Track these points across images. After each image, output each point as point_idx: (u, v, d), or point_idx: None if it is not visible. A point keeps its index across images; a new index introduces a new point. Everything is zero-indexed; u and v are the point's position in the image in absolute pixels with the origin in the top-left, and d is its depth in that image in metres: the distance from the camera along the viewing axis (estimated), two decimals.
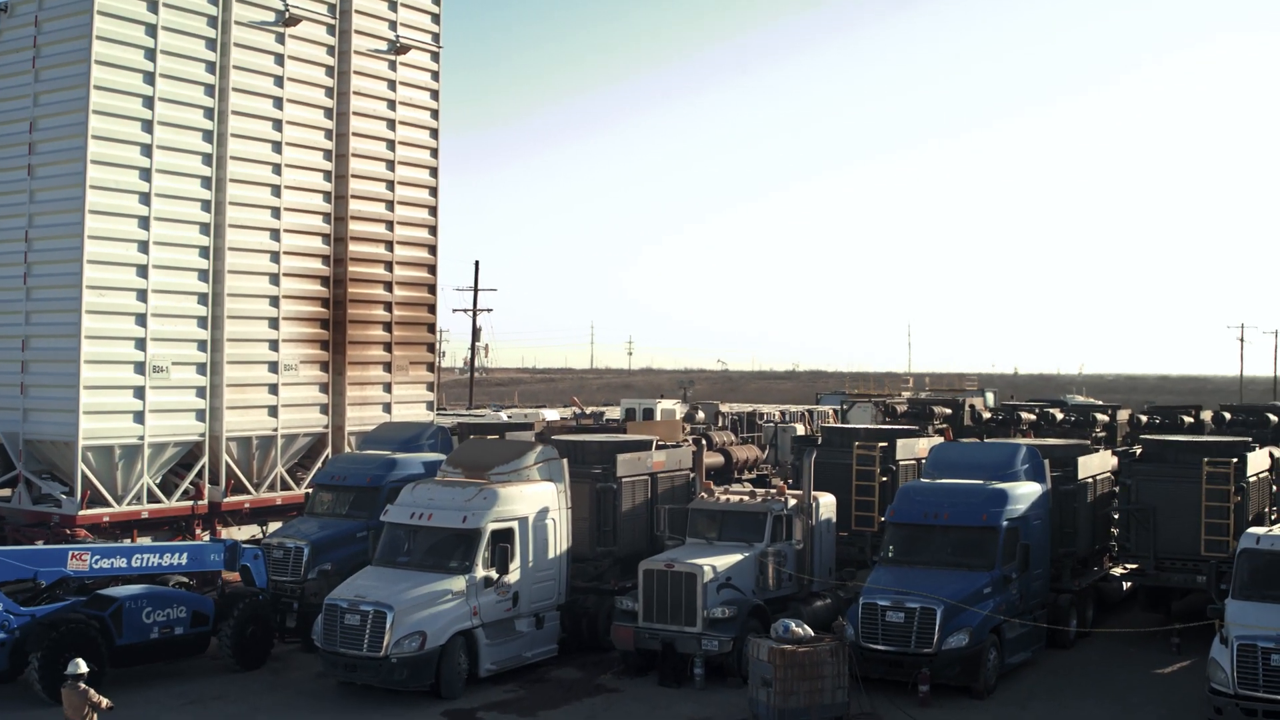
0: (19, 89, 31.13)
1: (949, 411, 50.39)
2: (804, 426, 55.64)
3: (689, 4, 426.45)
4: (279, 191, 33.67)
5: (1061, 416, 48.07)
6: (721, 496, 26.00)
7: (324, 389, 34.94)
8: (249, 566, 24.91)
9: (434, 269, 38.51)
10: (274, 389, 33.55)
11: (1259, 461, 26.70)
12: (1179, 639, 24.72)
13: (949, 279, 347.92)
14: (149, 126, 30.66)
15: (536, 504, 24.42)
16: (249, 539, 32.38)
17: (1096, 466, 27.59)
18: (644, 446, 27.57)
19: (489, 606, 23.15)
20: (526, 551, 24.03)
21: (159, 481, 31.33)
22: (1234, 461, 25.25)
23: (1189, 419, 46.19)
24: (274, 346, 33.58)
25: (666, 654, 23.36)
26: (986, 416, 49.86)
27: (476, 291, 76.76)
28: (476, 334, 77.35)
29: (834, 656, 20.62)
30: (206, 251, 31.92)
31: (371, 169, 36.40)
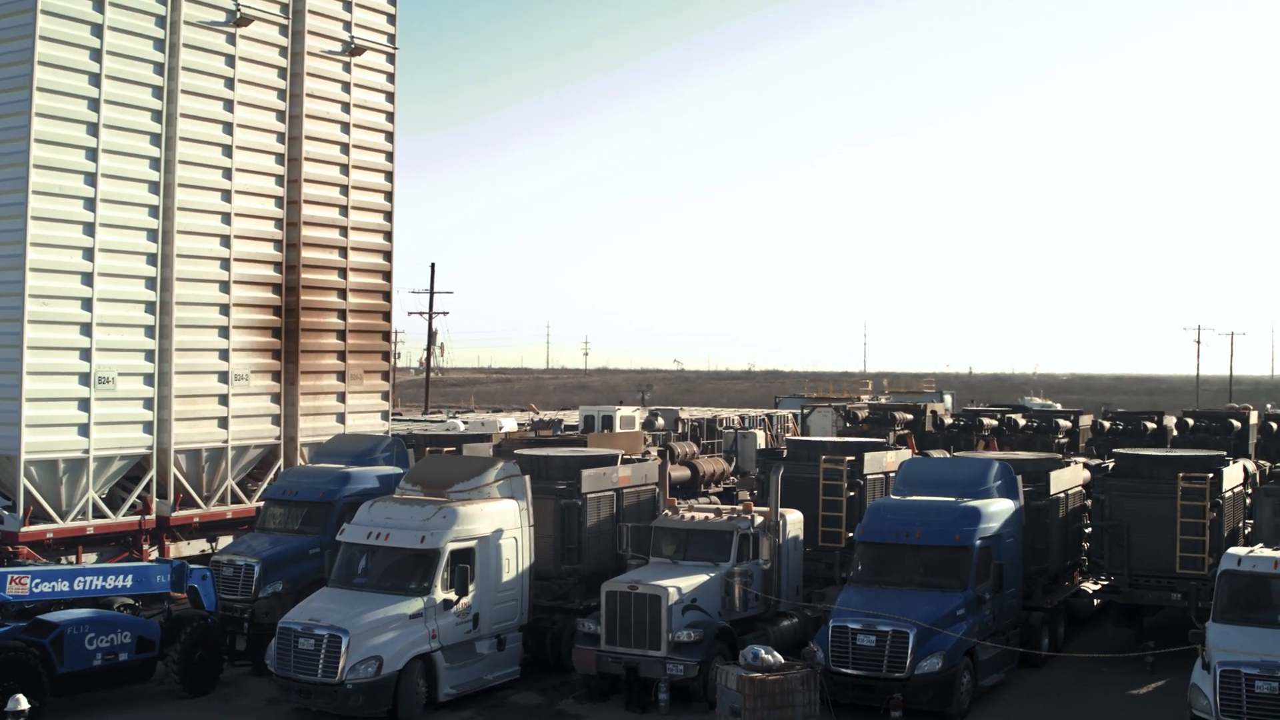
0: None
1: (910, 417, 50.09)
2: (764, 433, 55.26)
3: (643, 6, 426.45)
4: (229, 196, 32.78)
5: (1024, 422, 47.82)
6: (686, 514, 25.30)
7: (276, 399, 34.07)
8: (197, 588, 24.01)
9: (389, 275, 37.67)
10: (224, 400, 32.68)
11: (1234, 476, 26.29)
12: (1153, 658, 24.24)
13: (904, 278, 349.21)
14: (94, 129, 29.68)
15: (497, 523, 23.71)
16: (199, 554, 31.74)
17: (1068, 481, 27.11)
18: (609, 461, 26.90)
19: (448, 629, 22.46)
20: (487, 572, 23.32)
21: (105, 496, 30.40)
22: (1210, 477, 24.79)
23: (1152, 425, 46.01)
24: (224, 356, 32.69)
25: (630, 678, 22.65)
26: (948, 423, 49.58)
27: (432, 294, 75.90)
28: (432, 337, 76.47)
29: (805, 685, 20.04)
30: (154, 258, 30.96)
31: (325, 173, 35.53)
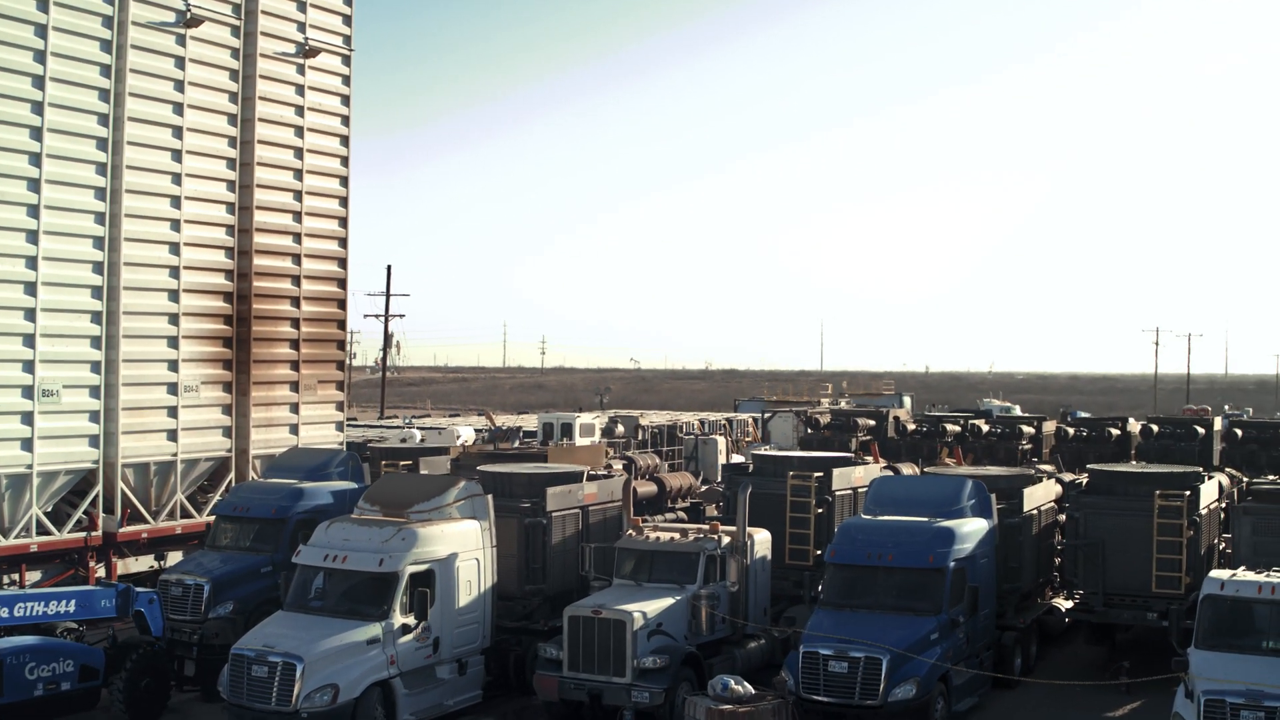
0: None
1: (872, 423, 49.72)
2: (724, 439, 54.71)
3: (592, 9, 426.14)
4: (179, 203, 31.77)
5: (987, 429, 47.53)
6: (651, 534, 24.55)
7: (227, 411, 33.11)
8: (143, 612, 23.17)
9: (344, 282, 36.72)
10: (173, 412, 31.69)
11: (1210, 492, 25.84)
12: (1128, 679, 23.75)
13: (860, 277, 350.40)
14: (38, 133, 28.62)
15: (458, 544, 22.94)
16: (147, 570, 30.82)
17: (1041, 497, 26.64)
18: (574, 478, 26.18)
19: (407, 654, 21.70)
20: (448, 595, 22.58)
21: (49, 512, 29.36)
22: (1187, 494, 24.31)
23: (1115, 431, 45.88)
24: (173, 367, 31.71)
25: (594, 706, 21.97)
26: (911, 429, 49.24)
27: (388, 298, 74.84)
28: (388, 340, 75.38)
29: (776, 716, 19.41)
30: (101, 267, 29.96)
31: (278, 178, 34.56)
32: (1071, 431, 46.66)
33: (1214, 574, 20.24)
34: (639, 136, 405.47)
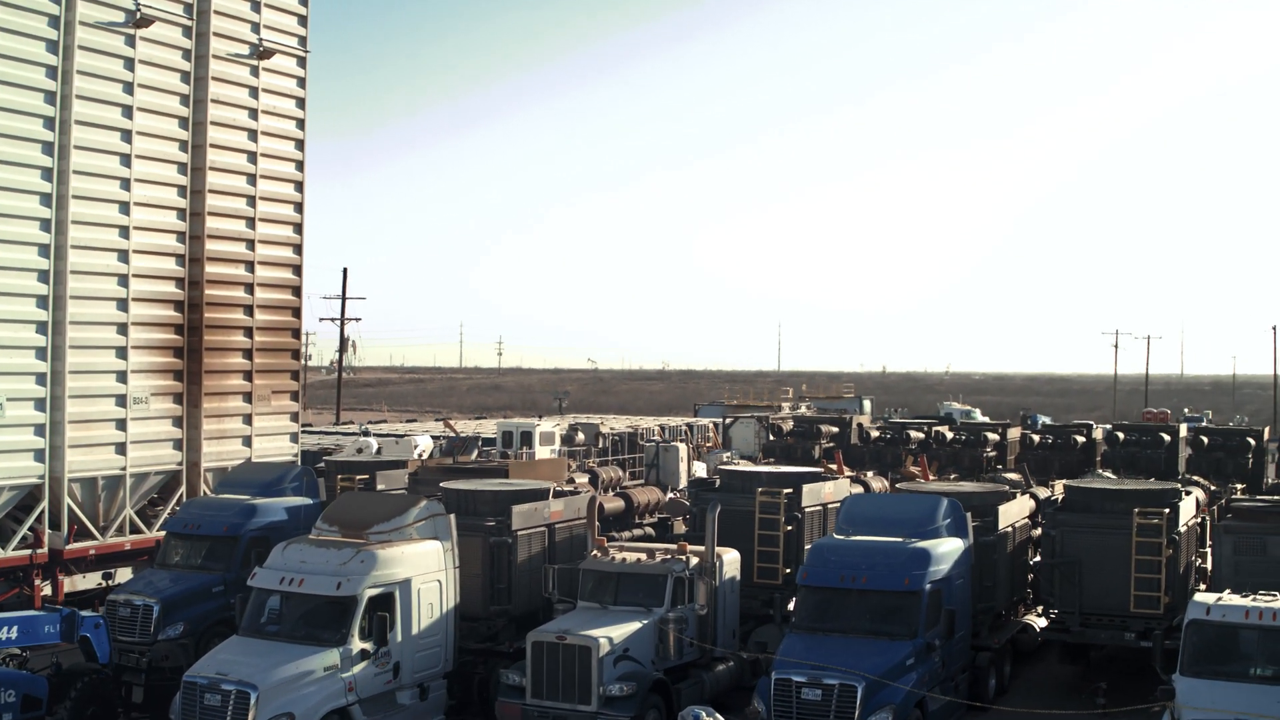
0: None
1: (835, 430, 49.26)
2: (686, 445, 54.06)
3: (548, 8, 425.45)
4: (128, 208, 30.71)
5: (951, 435, 47.14)
6: (617, 555, 23.81)
7: (178, 423, 32.09)
8: (89, 637, 22.21)
9: (299, 290, 35.71)
10: (122, 424, 30.64)
11: (1189, 510, 25.35)
12: (1104, 700, 23.23)
13: (818, 277, 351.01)
14: None
15: (420, 566, 22.23)
16: (95, 587, 29.86)
17: (1015, 514, 26.12)
18: (540, 495, 25.46)
19: (366, 680, 21.00)
20: (409, 618, 21.87)
21: None
22: (1166, 513, 23.80)
23: (1080, 438, 45.54)
24: (122, 378, 30.66)
25: None
26: (875, 436, 48.81)
27: (344, 301, 73.72)
28: (344, 344, 74.25)
29: None
30: (46, 275, 28.85)
31: (231, 183, 33.54)
32: (1037, 439, 46.29)
33: (1199, 598, 19.70)
34: (591, 135, 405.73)
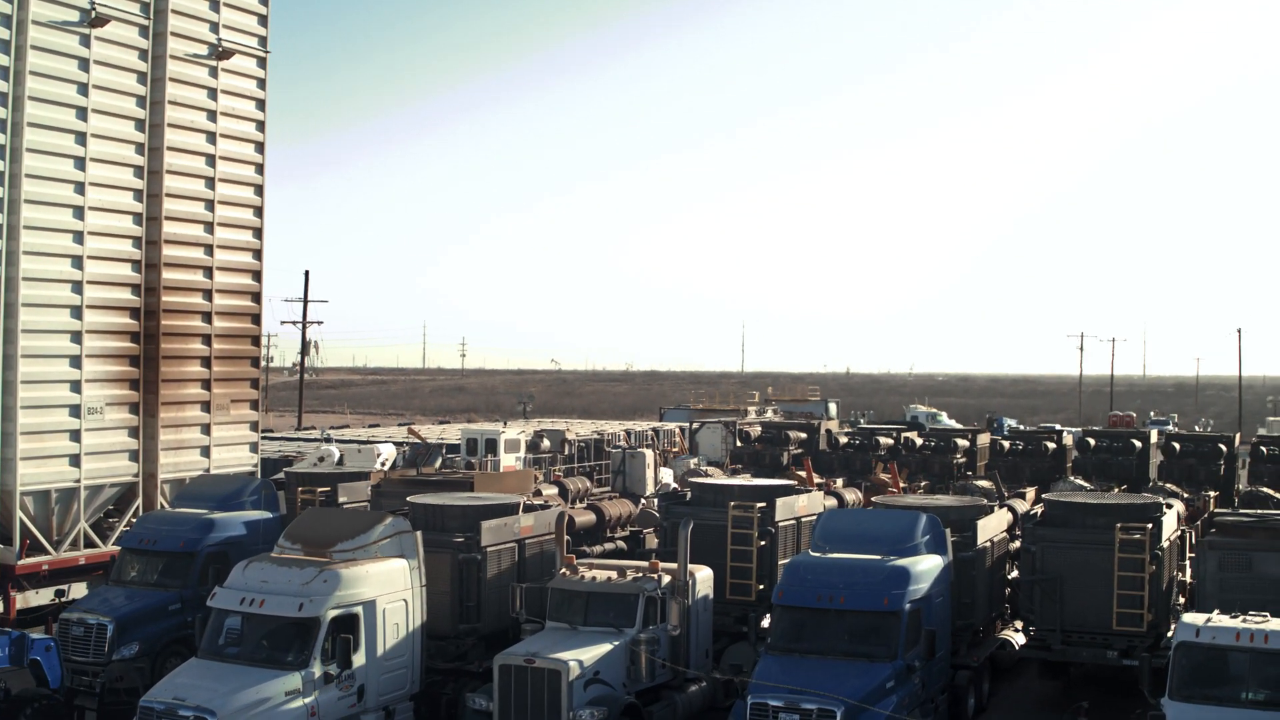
0: None
1: (804, 436, 48.83)
2: (652, 451, 53.36)
3: (510, 11, 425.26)
4: (82, 213, 29.80)
5: (921, 442, 46.77)
6: (586, 573, 23.11)
7: (134, 433, 31.18)
8: (40, 661, 21.52)
9: (258, 296, 34.81)
10: (76, 435, 29.73)
11: (1171, 524, 24.87)
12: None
13: (781, 277, 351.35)
14: None
15: (385, 585, 21.55)
16: (49, 604, 29.00)
17: (994, 528, 25.64)
18: (510, 510, 24.79)
19: (329, 704, 20.32)
20: (374, 639, 21.19)
21: None
22: (1149, 527, 23.30)
23: (1051, 445, 45.30)
24: (76, 388, 29.74)
25: None
26: (844, 442, 48.38)
27: (306, 304, 72.66)
28: (306, 348, 73.18)
29: None
30: None
31: (189, 186, 32.62)
32: (1007, 445, 46.03)
33: (1188, 618, 19.14)
34: (553, 136, 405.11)
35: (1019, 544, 26.60)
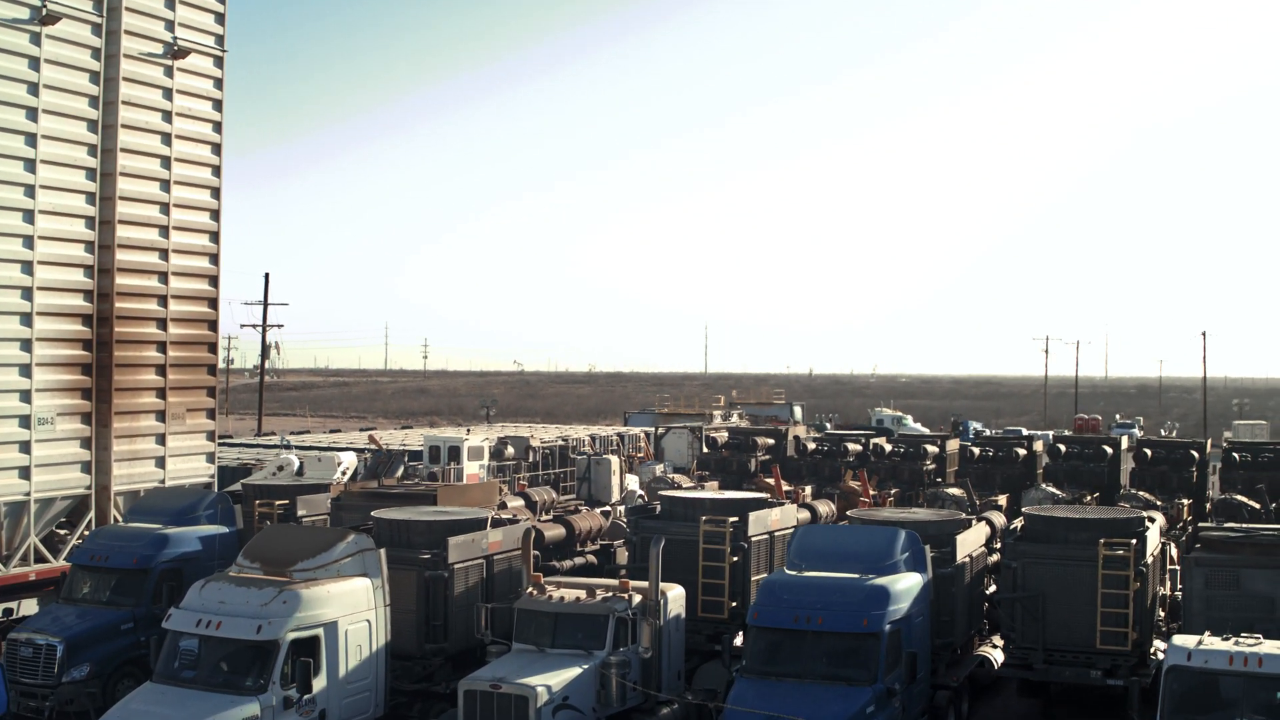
0: None
1: (772, 442, 48.27)
2: (618, 458, 52.80)
3: (472, 15, 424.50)
4: (32, 217, 28.81)
5: (890, 448, 46.31)
6: (554, 593, 22.32)
7: (86, 444, 30.22)
8: None
9: (215, 302, 33.81)
10: (25, 446, 28.74)
11: (1155, 539, 24.32)
12: None
13: (743, 279, 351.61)
14: None
15: (347, 605, 20.78)
16: None
17: (973, 543, 25.02)
18: (477, 525, 24.01)
19: None
20: (335, 662, 20.42)
21: None
22: (1133, 543, 22.73)
23: (1022, 451, 44.94)
24: (25, 397, 28.76)
25: None
26: (811, 448, 47.87)
27: (266, 307, 71.57)
28: (265, 352, 72.06)
29: None
30: None
31: (143, 189, 31.67)
32: (977, 451, 45.57)
33: (1178, 641, 18.58)
34: (514, 141, 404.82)
35: (997, 558, 26.06)
